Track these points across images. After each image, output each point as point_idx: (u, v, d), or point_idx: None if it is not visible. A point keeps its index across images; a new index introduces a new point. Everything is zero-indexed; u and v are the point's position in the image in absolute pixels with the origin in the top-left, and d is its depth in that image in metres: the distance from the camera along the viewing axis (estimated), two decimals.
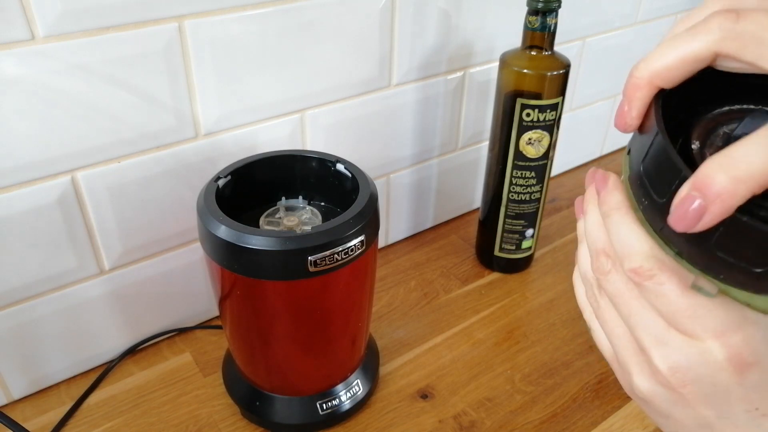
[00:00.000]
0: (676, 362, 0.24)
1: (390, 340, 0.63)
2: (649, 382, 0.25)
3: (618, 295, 0.25)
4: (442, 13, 0.64)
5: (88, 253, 0.53)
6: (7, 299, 0.51)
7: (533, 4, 0.58)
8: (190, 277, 0.61)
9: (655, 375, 0.25)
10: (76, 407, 0.55)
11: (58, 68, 0.45)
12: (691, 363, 0.23)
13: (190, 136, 0.54)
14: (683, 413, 0.25)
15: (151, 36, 0.48)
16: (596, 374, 0.60)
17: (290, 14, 0.54)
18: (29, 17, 0.43)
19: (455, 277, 0.73)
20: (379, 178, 0.71)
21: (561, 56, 0.61)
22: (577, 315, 0.67)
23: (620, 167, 0.26)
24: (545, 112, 0.61)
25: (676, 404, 0.25)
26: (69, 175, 0.49)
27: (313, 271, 0.43)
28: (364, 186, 0.48)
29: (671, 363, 0.24)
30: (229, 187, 0.49)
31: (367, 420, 0.55)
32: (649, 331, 0.24)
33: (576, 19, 0.78)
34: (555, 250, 0.78)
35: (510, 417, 0.56)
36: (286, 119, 0.59)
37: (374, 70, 0.62)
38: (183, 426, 0.54)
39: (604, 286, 0.26)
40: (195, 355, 0.61)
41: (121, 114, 0.49)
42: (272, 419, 0.53)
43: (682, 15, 0.24)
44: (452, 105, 0.72)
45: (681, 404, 0.25)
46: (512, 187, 0.66)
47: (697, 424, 0.25)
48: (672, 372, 0.24)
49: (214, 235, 0.43)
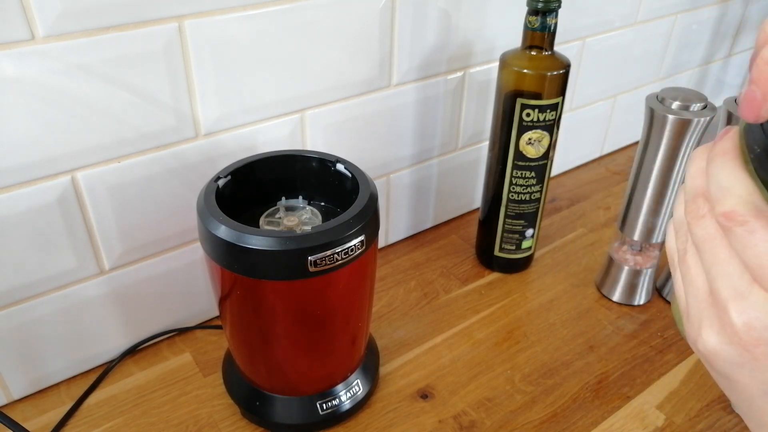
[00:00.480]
0: (755, 318, 0.22)
1: (390, 340, 0.63)
2: (718, 338, 0.24)
3: (707, 240, 0.24)
4: (442, 13, 0.64)
5: (88, 253, 0.53)
6: (7, 299, 0.51)
7: (533, 4, 0.58)
8: (190, 277, 0.61)
9: (726, 330, 0.23)
10: (76, 407, 0.55)
11: (58, 68, 0.45)
12: None
13: (190, 136, 0.54)
14: (750, 376, 0.24)
15: (151, 36, 0.48)
16: (596, 374, 0.60)
17: (290, 14, 0.54)
18: (29, 17, 0.43)
19: (455, 277, 0.73)
20: (379, 178, 0.71)
21: (561, 56, 0.61)
22: (577, 315, 0.67)
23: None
24: (545, 112, 0.61)
25: (744, 366, 0.23)
26: (69, 175, 0.49)
27: (313, 271, 0.43)
28: (364, 186, 0.48)
29: (747, 318, 0.22)
30: (229, 187, 0.49)
31: (367, 420, 0.55)
32: (731, 282, 0.23)
33: (576, 19, 0.78)
34: (555, 250, 0.78)
35: (510, 417, 0.56)
36: (286, 119, 0.59)
37: (374, 70, 0.62)
38: (183, 426, 0.54)
39: (693, 230, 0.25)
40: (195, 355, 0.61)
41: (121, 114, 0.49)
42: (272, 419, 0.53)
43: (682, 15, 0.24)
44: (452, 105, 0.72)
45: (749, 366, 0.23)
46: (512, 187, 0.66)
47: (764, 390, 0.24)
48: (747, 329, 0.22)
49: (214, 235, 0.43)
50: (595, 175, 0.95)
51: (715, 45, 1.04)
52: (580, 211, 0.86)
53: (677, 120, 0.56)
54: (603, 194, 0.90)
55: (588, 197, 0.89)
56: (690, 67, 1.02)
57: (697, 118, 0.55)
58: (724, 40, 1.05)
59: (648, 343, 0.64)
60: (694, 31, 0.97)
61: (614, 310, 0.68)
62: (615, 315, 0.67)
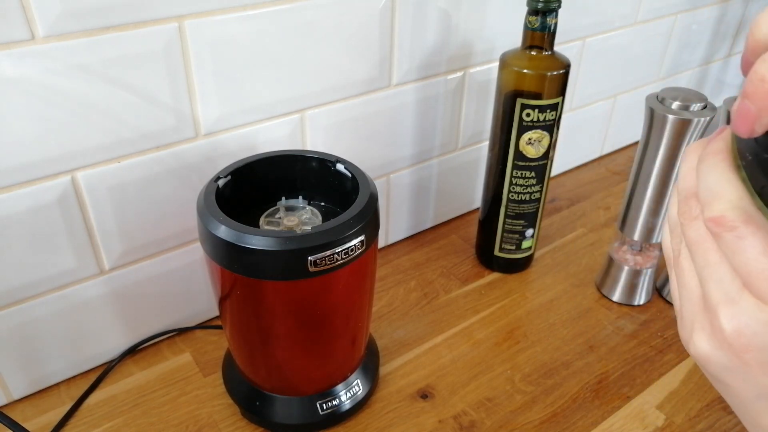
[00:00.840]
0: (744, 325, 0.22)
1: (390, 340, 0.63)
2: (709, 342, 0.24)
3: (699, 242, 0.23)
4: (442, 13, 0.64)
5: (88, 253, 0.53)
6: (7, 299, 0.51)
7: (533, 4, 0.58)
8: (190, 277, 0.61)
9: (717, 335, 0.23)
10: (76, 407, 0.55)
11: (58, 68, 0.45)
12: (759, 328, 0.22)
13: (190, 136, 0.54)
14: (742, 380, 0.23)
15: (151, 36, 0.48)
16: (596, 374, 0.60)
17: (290, 14, 0.54)
18: (29, 17, 0.43)
19: (455, 277, 0.73)
20: (379, 178, 0.71)
21: (561, 56, 0.61)
22: (577, 315, 0.67)
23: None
24: (545, 112, 0.61)
25: (735, 371, 0.23)
26: (69, 175, 0.49)
27: (313, 271, 0.43)
28: (364, 186, 0.48)
29: (737, 324, 0.22)
30: (229, 187, 0.49)
31: (367, 420, 0.55)
32: (721, 287, 0.23)
33: (576, 19, 0.78)
34: (555, 250, 0.78)
35: (510, 417, 0.56)
36: (286, 119, 0.59)
37: (374, 70, 0.62)
38: (183, 426, 0.54)
39: (686, 232, 0.24)
40: (195, 355, 0.61)
41: (121, 114, 0.49)
42: (272, 419, 0.53)
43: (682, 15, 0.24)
44: (452, 105, 0.72)
45: (740, 371, 0.23)
46: (512, 187, 0.66)
47: (756, 394, 0.23)
48: (736, 335, 0.22)
49: (214, 235, 0.43)
50: (595, 175, 0.95)
51: (715, 45, 1.04)
52: (580, 211, 0.86)
53: (677, 120, 0.56)
54: (603, 194, 0.90)
55: (588, 197, 0.89)
56: (690, 67, 1.02)
57: (697, 118, 0.55)
58: (724, 40, 1.05)
59: (648, 343, 0.64)
60: (694, 31, 0.97)
61: (614, 310, 0.68)
62: (615, 315, 0.67)
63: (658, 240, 0.64)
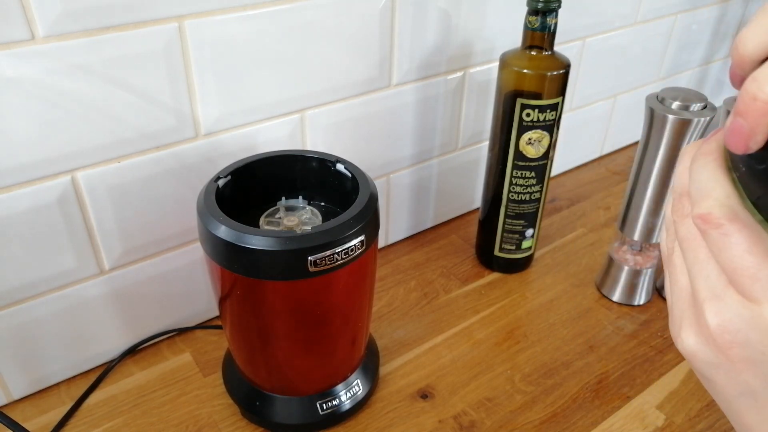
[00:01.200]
0: (728, 321, 0.22)
1: (390, 340, 0.63)
2: (695, 338, 0.24)
3: (689, 239, 0.24)
4: (442, 13, 0.64)
5: (88, 253, 0.53)
6: (7, 299, 0.51)
7: (533, 4, 0.58)
8: (190, 277, 0.61)
9: (703, 331, 0.24)
10: (76, 407, 0.55)
11: (58, 68, 0.45)
12: (743, 325, 0.22)
13: (190, 136, 0.54)
14: (726, 378, 0.24)
15: (151, 36, 0.48)
16: (596, 374, 0.60)
17: (290, 14, 0.54)
18: (29, 17, 0.43)
19: (455, 277, 0.73)
20: (379, 178, 0.71)
21: (561, 56, 0.61)
22: (577, 315, 0.67)
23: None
24: (545, 112, 0.61)
25: (719, 367, 0.24)
26: (69, 175, 0.49)
27: (313, 271, 0.43)
28: (364, 186, 0.48)
29: (721, 320, 0.23)
30: (229, 187, 0.49)
31: (367, 420, 0.55)
32: (708, 283, 0.23)
33: (576, 19, 0.78)
34: (555, 250, 0.78)
35: (510, 417, 0.56)
36: (285, 119, 0.59)
37: (374, 70, 0.62)
38: (183, 426, 0.54)
39: (678, 229, 0.25)
40: (195, 355, 0.61)
41: (121, 114, 0.49)
42: (272, 419, 0.53)
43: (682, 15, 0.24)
44: (452, 105, 0.72)
45: (724, 368, 0.23)
46: (512, 187, 0.66)
47: (739, 391, 0.24)
48: (720, 330, 0.23)
49: (214, 235, 0.43)
50: (595, 175, 0.95)
51: (715, 45, 1.04)
52: (580, 211, 0.86)
53: (677, 120, 0.56)
54: (603, 194, 0.90)
55: (588, 197, 0.89)
56: (690, 67, 1.02)
57: (697, 118, 0.55)
58: (724, 40, 1.05)
59: (648, 343, 0.64)
60: (694, 31, 0.97)
61: (614, 310, 0.68)
62: (615, 315, 0.67)
63: (657, 240, 0.64)
